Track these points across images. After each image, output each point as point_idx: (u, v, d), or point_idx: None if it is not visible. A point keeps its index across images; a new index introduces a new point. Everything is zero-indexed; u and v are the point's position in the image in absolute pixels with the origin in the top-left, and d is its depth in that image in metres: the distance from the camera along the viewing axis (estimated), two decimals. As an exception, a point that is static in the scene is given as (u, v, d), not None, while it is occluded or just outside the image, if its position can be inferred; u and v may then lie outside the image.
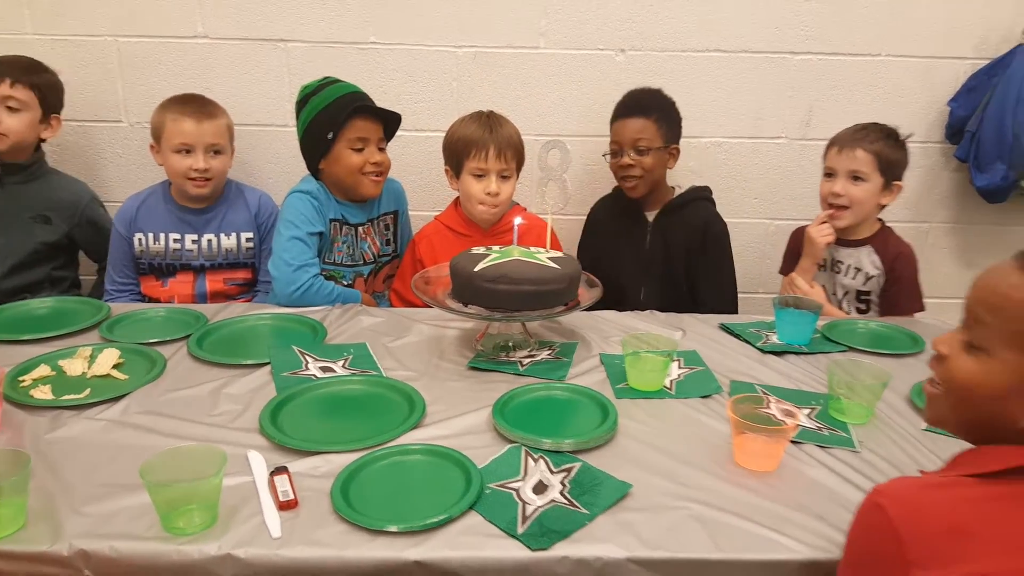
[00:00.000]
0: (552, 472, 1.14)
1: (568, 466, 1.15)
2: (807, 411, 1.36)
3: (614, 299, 1.89)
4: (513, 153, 1.89)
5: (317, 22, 2.20)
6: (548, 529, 1.01)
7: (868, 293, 1.98)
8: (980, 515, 0.84)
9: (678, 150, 2.11)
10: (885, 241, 1.99)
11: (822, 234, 1.95)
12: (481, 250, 1.56)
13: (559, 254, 1.58)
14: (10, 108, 1.98)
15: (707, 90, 2.25)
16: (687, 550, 1.00)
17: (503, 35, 2.21)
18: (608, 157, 2.09)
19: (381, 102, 1.97)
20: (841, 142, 1.96)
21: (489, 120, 1.92)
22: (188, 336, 1.57)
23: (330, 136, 1.87)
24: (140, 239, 2.02)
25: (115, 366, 1.42)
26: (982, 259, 2.45)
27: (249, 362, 1.47)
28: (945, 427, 0.98)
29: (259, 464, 1.13)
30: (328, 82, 1.92)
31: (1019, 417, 0.84)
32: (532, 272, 1.46)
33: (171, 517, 0.99)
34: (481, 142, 1.88)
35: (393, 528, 0.99)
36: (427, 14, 2.20)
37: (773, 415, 1.30)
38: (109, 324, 1.64)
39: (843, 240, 2.01)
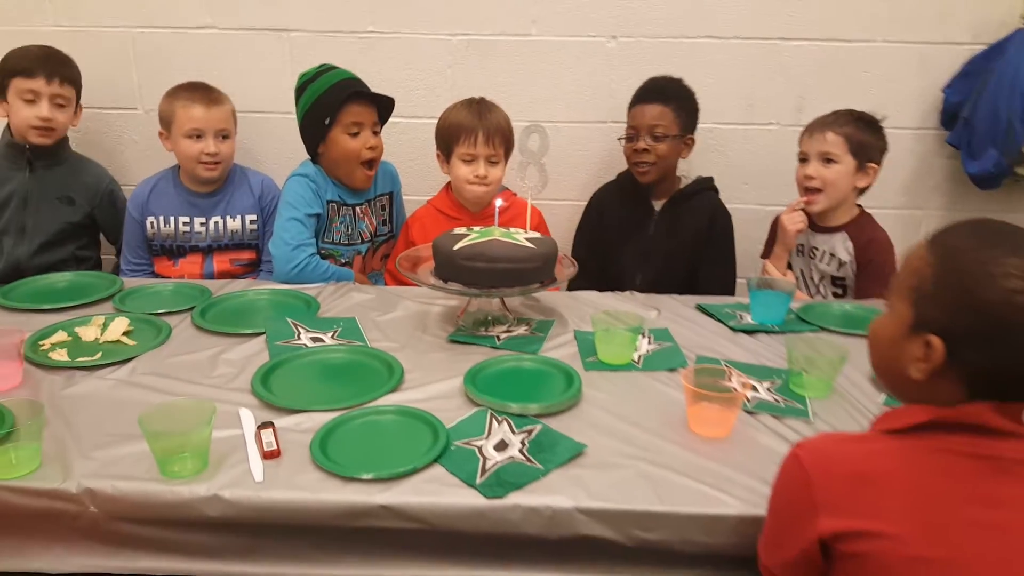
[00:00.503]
0: (514, 433, 1.24)
1: (529, 428, 1.25)
2: (767, 384, 1.45)
3: (611, 283, 1.99)
4: (501, 139, 1.98)
5: (318, 12, 2.31)
6: (504, 481, 1.11)
7: (843, 279, 2.05)
8: (883, 465, 0.93)
9: (693, 140, 2.17)
10: (860, 228, 2.05)
11: (793, 221, 2.02)
12: (462, 230, 1.66)
13: (537, 235, 1.67)
14: (59, 105, 2.11)
15: (699, 76, 2.29)
16: (630, 502, 1.09)
17: (496, 23, 2.30)
18: (623, 141, 2.16)
19: (378, 89, 2.08)
20: (812, 127, 2.04)
21: (479, 107, 2.01)
22: (192, 308, 1.69)
23: (327, 122, 1.98)
24: (152, 222, 2.14)
25: (125, 333, 1.55)
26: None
27: (246, 331, 1.59)
28: (880, 384, 1.06)
29: (248, 419, 1.24)
30: (324, 69, 2.02)
31: (906, 364, 0.93)
32: (508, 251, 1.55)
33: (167, 462, 1.11)
34: (470, 128, 1.97)
35: (364, 476, 1.10)
36: (422, 3, 2.29)
37: (734, 387, 1.39)
38: (121, 296, 1.77)
39: (819, 226, 2.08)
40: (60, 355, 1.44)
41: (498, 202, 1.72)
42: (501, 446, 1.20)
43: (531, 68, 2.34)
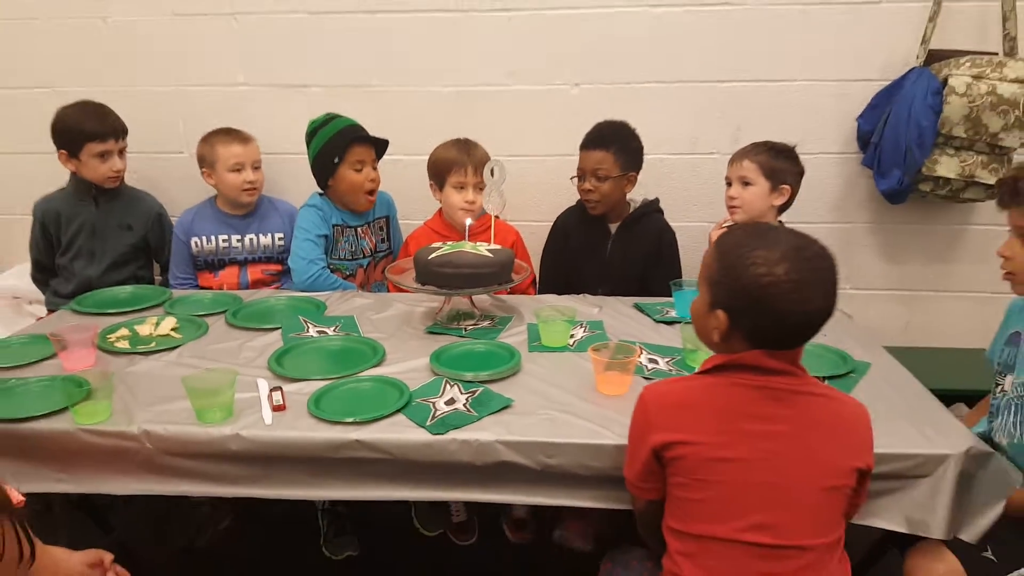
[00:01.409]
0: (461, 393, 1.63)
1: (474, 390, 1.64)
2: (668, 359, 1.83)
3: (575, 293, 2.33)
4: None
5: (332, 70, 2.76)
6: (447, 423, 1.51)
7: None
8: (694, 395, 1.31)
9: (635, 177, 2.45)
10: None
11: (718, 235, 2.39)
12: (438, 244, 2.08)
13: (498, 247, 2.07)
14: (121, 154, 2.55)
15: (649, 114, 2.66)
16: (537, 436, 1.48)
17: (479, 76, 2.72)
18: (575, 180, 2.48)
19: (381, 132, 2.51)
20: (734, 156, 2.36)
21: (467, 144, 2.44)
22: (226, 311, 2.13)
23: (336, 160, 2.41)
24: (196, 241, 2.58)
25: (173, 329, 1.98)
26: (899, 254, 2.83)
27: (267, 327, 2.02)
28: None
29: (263, 386, 1.66)
30: (331, 117, 2.46)
31: (710, 331, 1.31)
32: (470, 259, 1.96)
33: (201, 412, 1.53)
34: (460, 162, 2.39)
35: (344, 420, 1.51)
36: (419, 61, 2.73)
37: (642, 363, 1.78)
38: (171, 303, 2.22)
39: None
40: (123, 344, 1.89)
41: (468, 220, 2.14)
42: (450, 402, 1.60)
43: (509, 112, 2.74)
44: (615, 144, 2.40)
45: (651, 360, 1.82)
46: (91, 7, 2.77)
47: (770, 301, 1.21)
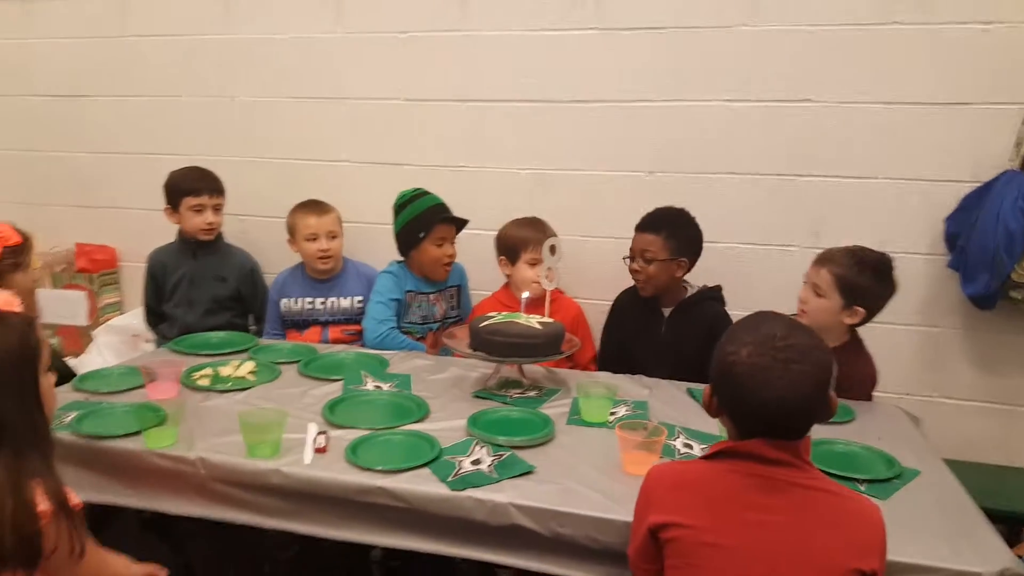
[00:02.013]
0: (488, 455, 1.71)
1: (501, 453, 1.72)
2: (704, 446, 1.82)
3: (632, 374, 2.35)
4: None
5: (424, 151, 3.00)
6: (466, 481, 1.60)
7: None
8: (693, 479, 1.34)
9: (687, 263, 2.49)
10: (844, 353, 2.13)
11: None
12: (493, 313, 2.20)
13: (549, 320, 2.17)
14: (215, 210, 2.87)
15: (723, 203, 2.73)
16: (546, 503, 1.54)
17: (558, 160, 2.88)
18: (627, 260, 2.56)
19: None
20: (819, 257, 2.27)
21: (540, 224, 2.62)
22: (300, 360, 2.32)
23: (421, 235, 2.61)
24: (285, 302, 2.83)
25: (250, 372, 2.19)
26: (995, 364, 2.68)
27: (332, 378, 2.19)
28: None
29: (312, 429, 1.81)
30: (419, 193, 2.67)
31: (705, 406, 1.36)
32: (520, 330, 2.07)
33: (252, 447, 1.69)
34: (535, 240, 2.54)
35: (373, 468, 1.63)
36: (501, 145, 2.92)
37: (675, 446, 1.81)
38: (256, 349, 2.45)
39: None
40: (204, 382, 2.10)
41: (524, 295, 2.26)
42: (476, 462, 1.68)
43: (585, 196, 2.87)
44: (667, 229, 2.47)
45: (686, 445, 1.83)
46: (223, 88, 3.17)
47: (731, 380, 1.26)
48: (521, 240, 2.61)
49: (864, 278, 2.16)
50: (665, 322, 2.54)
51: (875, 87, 2.60)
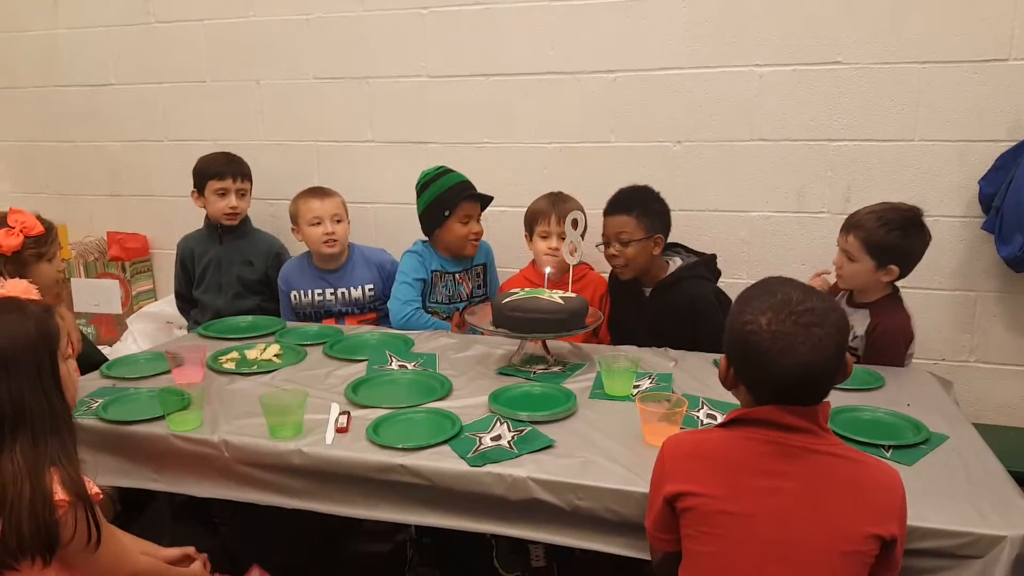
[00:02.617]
0: (509, 431, 1.70)
1: (521, 429, 1.71)
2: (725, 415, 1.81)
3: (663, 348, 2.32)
4: None
5: (448, 129, 2.98)
6: (486, 457, 1.59)
7: (856, 349, 2.25)
8: (708, 447, 1.32)
9: (662, 238, 2.44)
10: (880, 310, 2.22)
11: (814, 284, 2.33)
12: (515, 290, 2.18)
13: (572, 295, 2.15)
14: (240, 195, 2.90)
15: (753, 172, 2.68)
16: (566, 476, 1.52)
17: (582, 132, 2.84)
18: (601, 247, 2.49)
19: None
20: (846, 223, 2.25)
21: (556, 196, 2.57)
22: (326, 342, 2.34)
23: (446, 214, 2.59)
24: (295, 295, 2.81)
25: (276, 355, 2.20)
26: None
27: (356, 358, 2.19)
28: None
29: (335, 409, 1.82)
30: (443, 171, 2.65)
31: (721, 378, 1.33)
32: (541, 305, 2.05)
33: (274, 429, 1.70)
34: (546, 212, 2.53)
35: (395, 446, 1.63)
36: (526, 120, 2.89)
37: (698, 417, 1.78)
38: (282, 332, 2.46)
39: (849, 300, 2.32)
40: (230, 365, 2.12)
41: (547, 269, 2.23)
42: (496, 438, 1.68)
43: (611, 168, 2.82)
44: (638, 208, 2.41)
45: (709, 415, 1.80)
46: (248, 72, 3.17)
47: (751, 349, 1.23)
48: (534, 214, 2.60)
49: (892, 237, 2.15)
50: (648, 302, 2.48)
51: (907, 47, 2.51)
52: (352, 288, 2.82)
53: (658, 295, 2.46)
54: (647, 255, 2.43)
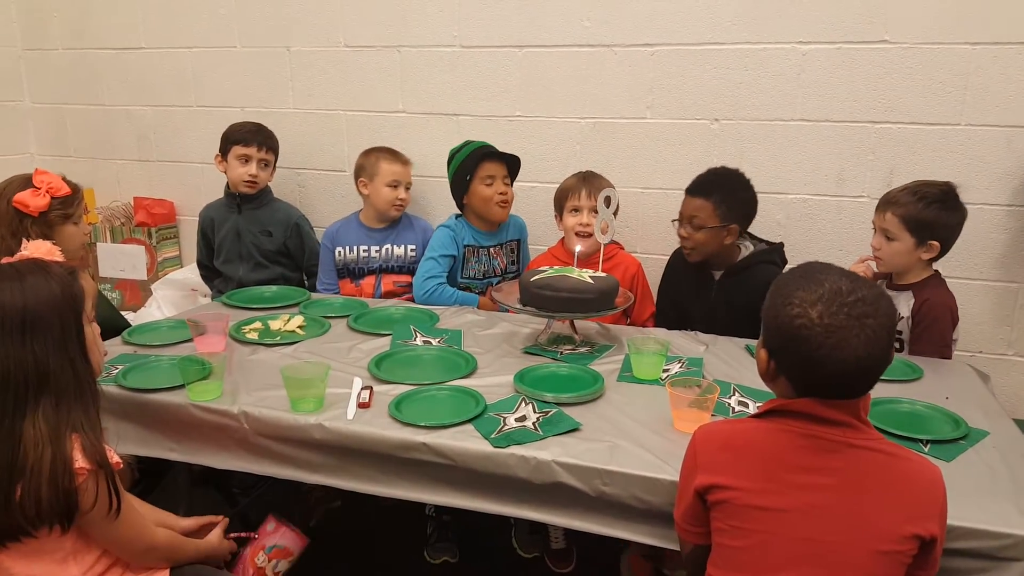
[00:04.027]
0: (534, 412, 1.67)
1: (547, 410, 1.67)
2: (759, 404, 1.75)
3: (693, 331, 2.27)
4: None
5: (480, 101, 2.91)
6: (510, 438, 1.55)
7: (900, 332, 2.22)
8: (742, 439, 1.27)
9: (737, 228, 2.34)
10: (923, 288, 2.19)
11: (857, 272, 2.26)
12: (544, 268, 2.13)
13: (603, 275, 2.09)
14: (263, 165, 2.87)
15: (792, 153, 2.59)
16: (594, 462, 1.48)
17: (617, 108, 2.76)
18: (675, 223, 2.43)
19: (522, 161, 2.63)
20: (881, 202, 2.21)
21: (585, 173, 2.52)
22: (350, 315, 2.31)
23: (468, 178, 2.56)
24: (340, 251, 2.81)
25: (299, 326, 2.18)
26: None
27: (381, 332, 2.16)
28: None
29: (357, 384, 1.79)
30: (466, 143, 2.63)
31: (762, 371, 1.29)
32: (571, 284, 2.00)
33: (295, 402, 1.67)
34: (576, 187, 2.47)
35: (417, 423, 1.59)
36: (558, 94, 2.81)
37: (730, 404, 1.73)
38: (306, 304, 2.44)
39: (891, 284, 2.28)
40: (253, 336, 2.10)
41: (577, 247, 2.18)
42: (521, 419, 1.64)
43: (645, 146, 2.76)
44: (718, 194, 2.32)
45: (741, 403, 1.75)
46: (278, 38, 3.12)
47: (802, 344, 1.16)
48: (564, 190, 2.55)
49: (931, 211, 2.12)
50: (715, 286, 2.41)
51: (958, 25, 2.40)
52: (396, 246, 2.82)
53: (729, 279, 2.39)
54: (718, 243, 2.35)
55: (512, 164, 2.65)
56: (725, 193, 2.33)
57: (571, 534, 2.34)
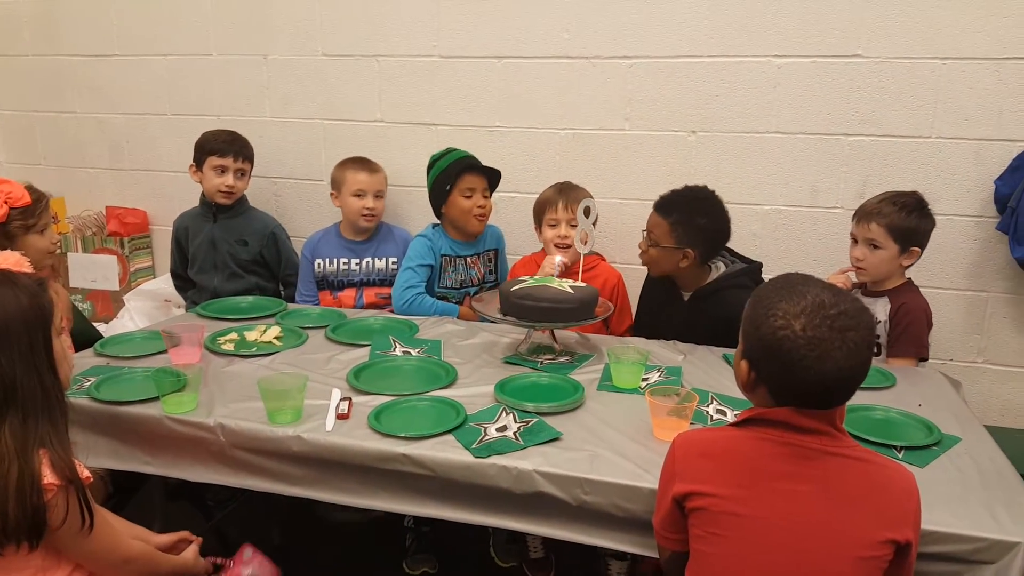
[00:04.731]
0: (515, 422, 1.66)
1: (528, 420, 1.67)
2: (738, 412, 1.76)
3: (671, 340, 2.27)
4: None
5: (459, 111, 2.91)
6: (491, 448, 1.55)
7: (878, 336, 2.25)
8: (720, 447, 1.28)
9: (693, 254, 2.23)
10: (900, 294, 2.25)
11: (838, 281, 2.29)
12: (525, 277, 2.13)
13: (582, 285, 2.10)
14: (239, 175, 2.85)
15: (767, 165, 2.62)
16: (573, 470, 1.48)
17: (596, 119, 2.77)
18: (644, 232, 2.35)
19: (501, 171, 2.63)
20: (860, 213, 2.27)
21: (563, 185, 2.52)
22: (328, 326, 2.29)
23: (448, 188, 2.55)
24: (319, 263, 2.80)
25: (276, 337, 2.16)
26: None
27: (359, 343, 2.14)
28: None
29: (336, 395, 1.77)
30: (448, 151, 2.61)
31: (740, 380, 1.29)
32: (551, 294, 2.00)
33: (272, 414, 1.65)
34: (553, 200, 2.48)
35: (397, 434, 1.58)
36: (537, 104, 2.82)
37: (708, 412, 1.74)
38: (283, 314, 2.41)
39: (866, 291, 2.31)
40: (228, 347, 2.07)
41: (557, 258, 2.19)
42: (502, 429, 1.63)
43: (624, 157, 2.77)
44: (677, 214, 2.25)
45: (719, 411, 1.76)
46: (255, 46, 3.10)
47: (784, 355, 1.17)
48: (541, 203, 2.56)
49: (912, 219, 2.21)
50: (685, 307, 2.36)
51: (929, 41, 2.45)
52: (377, 259, 2.81)
53: (696, 303, 2.32)
54: (672, 264, 2.28)
55: (492, 177, 2.64)
56: (683, 216, 2.25)
57: (549, 543, 2.34)
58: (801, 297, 1.19)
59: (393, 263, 2.79)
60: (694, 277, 2.33)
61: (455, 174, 2.55)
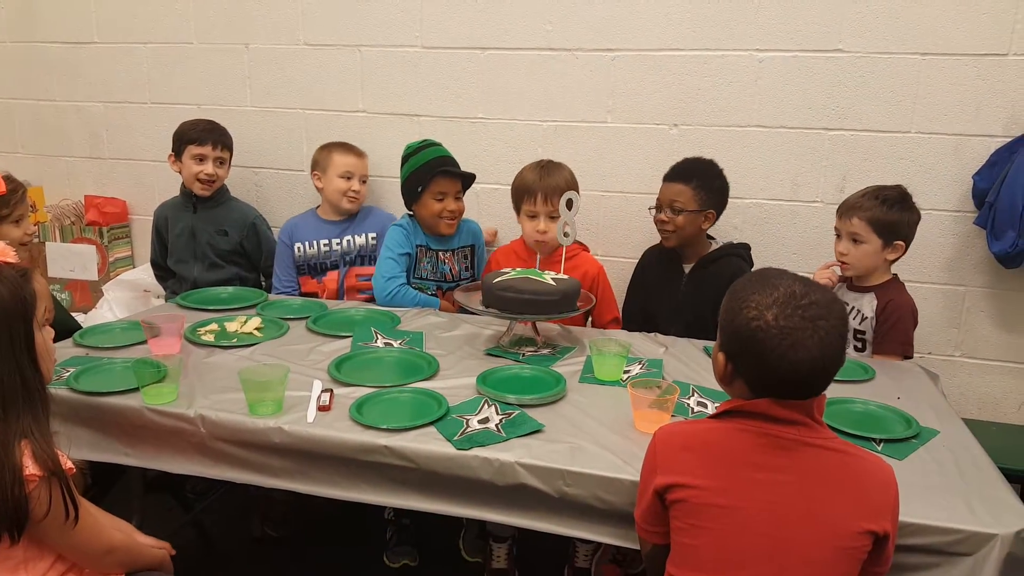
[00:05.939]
0: (497, 414, 1.66)
1: (510, 412, 1.67)
2: (716, 404, 1.78)
3: (651, 331, 2.30)
4: (559, 198, 2.40)
5: (441, 102, 2.91)
6: (473, 440, 1.55)
7: (863, 332, 2.28)
8: (700, 439, 1.29)
9: (714, 214, 2.43)
10: (886, 290, 2.28)
11: (823, 277, 2.32)
12: (507, 269, 2.13)
13: (564, 277, 2.10)
14: (219, 163, 2.83)
15: (748, 159, 2.64)
16: (555, 462, 1.49)
17: (578, 112, 2.78)
18: (653, 211, 2.53)
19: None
20: (843, 208, 2.29)
21: (543, 168, 2.43)
22: (309, 317, 2.28)
23: (419, 189, 2.52)
24: (299, 247, 2.78)
25: (256, 328, 2.15)
26: (1014, 322, 2.60)
27: (340, 334, 2.14)
28: None
29: (317, 387, 1.77)
30: (425, 145, 2.58)
31: (718, 373, 1.31)
32: (533, 286, 2.00)
33: (253, 405, 1.64)
34: (532, 189, 2.40)
35: (378, 426, 1.58)
36: (521, 96, 2.82)
37: (689, 405, 1.75)
38: (263, 305, 2.40)
39: (852, 286, 2.34)
40: (209, 337, 2.06)
41: (539, 256, 2.19)
42: (483, 421, 1.63)
43: (606, 149, 2.78)
44: (697, 179, 2.41)
45: (700, 403, 1.78)
46: (236, 35, 3.08)
47: (758, 346, 1.19)
48: (519, 188, 2.46)
49: (894, 213, 2.23)
50: (686, 277, 2.48)
51: (909, 36, 2.48)
52: (357, 236, 2.82)
53: (699, 270, 2.48)
54: (696, 227, 2.44)
55: (467, 178, 2.61)
56: (703, 179, 2.42)
57: (514, 556, 2.30)
58: (773, 289, 1.21)
59: (373, 238, 2.80)
60: (699, 247, 2.49)
61: (428, 177, 2.52)
